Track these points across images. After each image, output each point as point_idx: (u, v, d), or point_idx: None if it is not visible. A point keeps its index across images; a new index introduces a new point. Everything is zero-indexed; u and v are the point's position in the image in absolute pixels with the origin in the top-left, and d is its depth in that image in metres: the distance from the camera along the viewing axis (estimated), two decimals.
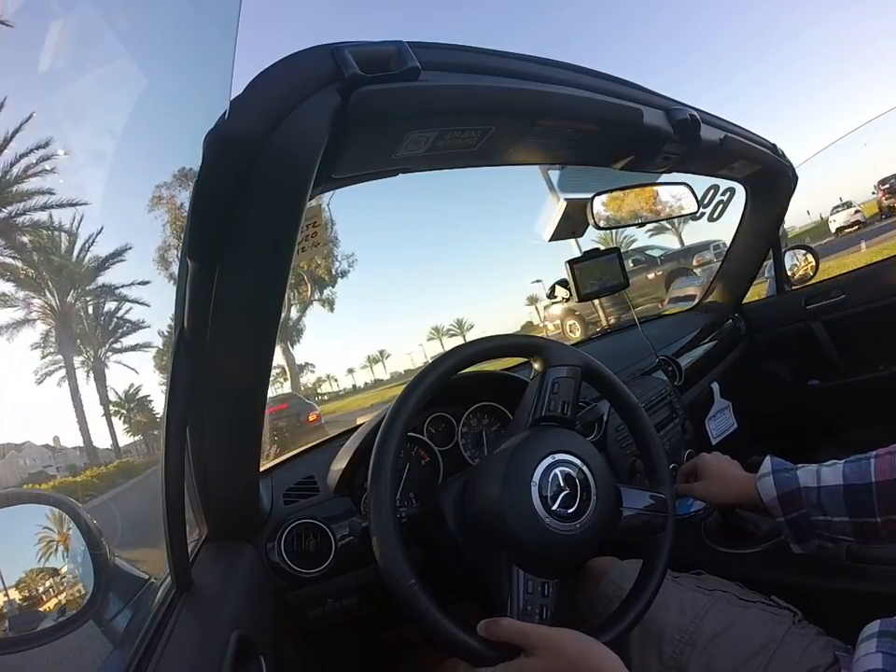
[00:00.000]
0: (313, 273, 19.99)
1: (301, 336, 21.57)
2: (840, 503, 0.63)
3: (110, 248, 11.98)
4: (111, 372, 12.61)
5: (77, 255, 11.90)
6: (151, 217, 14.03)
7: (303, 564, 0.67)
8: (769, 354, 1.55)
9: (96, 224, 11.78)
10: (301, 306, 21.18)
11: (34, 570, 0.55)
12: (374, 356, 36.11)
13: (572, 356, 0.66)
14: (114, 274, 12.70)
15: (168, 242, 13.18)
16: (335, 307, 21.42)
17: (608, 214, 0.97)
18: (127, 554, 0.61)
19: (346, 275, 20.66)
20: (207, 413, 0.52)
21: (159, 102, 1.06)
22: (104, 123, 5.20)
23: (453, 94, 0.48)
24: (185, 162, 13.36)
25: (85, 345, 12.29)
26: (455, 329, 34.98)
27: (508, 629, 0.50)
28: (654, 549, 0.62)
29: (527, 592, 0.53)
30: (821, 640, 0.59)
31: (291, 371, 21.45)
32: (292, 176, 0.41)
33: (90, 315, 12.79)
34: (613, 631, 0.57)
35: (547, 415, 0.63)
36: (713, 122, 0.85)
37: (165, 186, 13.75)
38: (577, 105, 0.60)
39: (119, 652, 0.51)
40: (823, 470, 0.66)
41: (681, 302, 1.79)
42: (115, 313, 12.82)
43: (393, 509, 0.53)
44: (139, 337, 13.03)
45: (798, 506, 0.66)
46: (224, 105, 0.37)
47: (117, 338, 12.88)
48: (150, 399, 13.10)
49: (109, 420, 12.04)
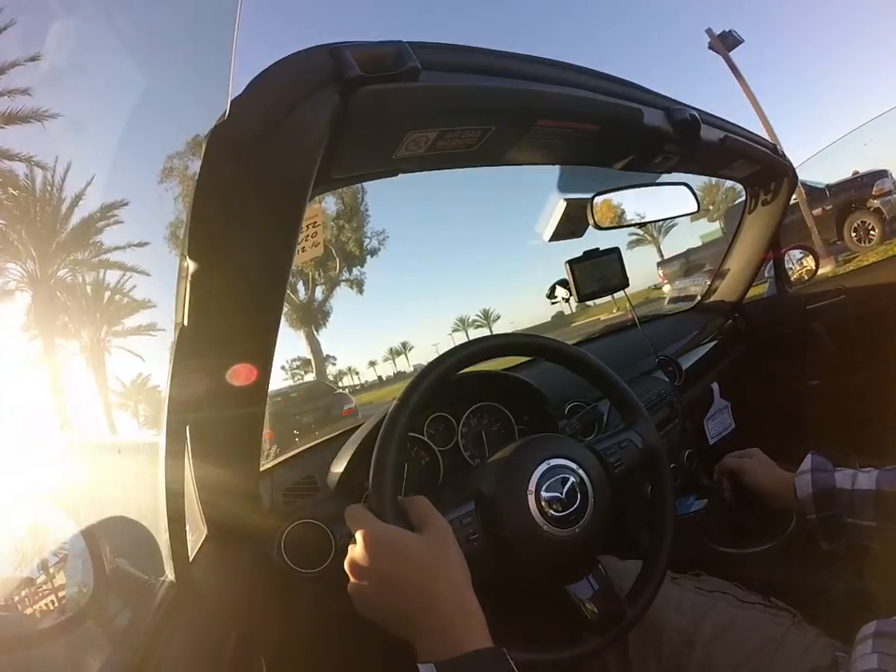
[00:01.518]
0: (342, 247, 17.61)
1: (328, 319, 18.76)
2: (870, 508, 0.64)
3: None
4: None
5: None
6: (151, 216, 13.90)
7: (303, 564, 0.67)
8: (769, 354, 1.54)
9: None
10: (328, 285, 18.45)
11: (34, 571, 0.55)
12: (397, 348, 35.35)
13: (654, 436, 0.67)
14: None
15: (168, 243, 12.96)
16: (364, 289, 18.69)
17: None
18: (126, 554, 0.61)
19: (377, 254, 18.39)
20: (207, 412, 0.52)
21: (159, 102, 1.07)
22: (103, 123, 5.20)
23: (453, 94, 0.48)
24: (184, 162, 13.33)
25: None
26: (480, 319, 34.13)
27: (418, 502, 0.51)
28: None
29: (461, 523, 0.55)
30: (820, 641, 0.59)
31: (317, 359, 18.77)
32: (292, 176, 0.41)
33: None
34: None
35: (600, 452, 0.64)
36: (713, 122, 0.85)
37: (166, 185, 13.62)
38: (577, 105, 0.60)
39: (119, 652, 0.51)
40: (860, 475, 0.68)
41: (681, 302, 1.79)
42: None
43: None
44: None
45: (831, 506, 0.67)
46: (224, 104, 0.37)
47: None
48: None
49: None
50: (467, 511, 0.56)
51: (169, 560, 0.54)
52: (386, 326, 50.47)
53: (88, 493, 0.87)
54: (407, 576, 0.45)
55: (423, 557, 0.45)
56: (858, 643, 0.49)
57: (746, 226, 1.37)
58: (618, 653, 0.63)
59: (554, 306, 1.01)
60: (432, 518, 0.49)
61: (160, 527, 0.54)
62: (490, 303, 50.70)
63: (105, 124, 6.58)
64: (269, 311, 0.48)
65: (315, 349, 18.52)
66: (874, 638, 0.48)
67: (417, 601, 0.44)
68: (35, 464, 1.40)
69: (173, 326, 0.47)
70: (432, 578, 0.44)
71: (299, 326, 18.33)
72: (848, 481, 0.67)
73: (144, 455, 0.79)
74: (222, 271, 0.43)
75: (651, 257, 26.82)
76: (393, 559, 0.45)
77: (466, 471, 0.73)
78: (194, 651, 0.49)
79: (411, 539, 0.47)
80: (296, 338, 18.66)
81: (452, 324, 35.55)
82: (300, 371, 19.52)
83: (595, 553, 0.60)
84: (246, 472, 0.62)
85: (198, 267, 0.42)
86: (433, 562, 0.45)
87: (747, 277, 1.46)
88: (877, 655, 0.46)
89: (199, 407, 0.51)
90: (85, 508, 0.66)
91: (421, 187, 44.99)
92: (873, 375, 1.36)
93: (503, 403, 0.87)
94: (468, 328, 34.76)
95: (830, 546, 0.69)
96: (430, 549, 0.46)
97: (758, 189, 1.26)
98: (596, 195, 0.95)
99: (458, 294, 54.27)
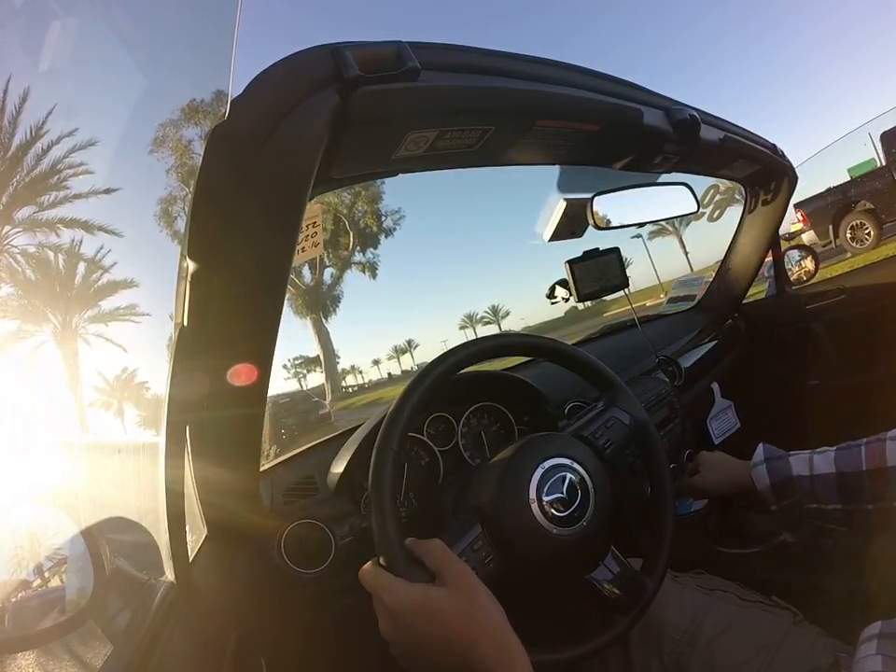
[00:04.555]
0: (357, 222, 15.10)
1: (338, 305, 16.33)
2: (833, 491, 0.64)
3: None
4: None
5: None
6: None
7: (303, 564, 0.67)
8: (769, 354, 1.54)
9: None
10: (339, 266, 15.93)
11: (34, 571, 0.55)
12: (402, 346, 34.57)
13: (637, 408, 0.67)
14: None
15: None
16: (377, 273, 16.48)
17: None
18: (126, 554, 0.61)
19: (392, 234, 16.40)
20: (207, 413, 0.52)
21: (159, 102, 1.06)
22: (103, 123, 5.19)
23: (453, 94, 0.48)
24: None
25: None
26: (489, 316, 33.42)
27: (435, 549, 0.49)
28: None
29: (472, 549, 0.54)
30: (822, 641, 0.59)
31: (325, 351, 16.25)
32: (292, 176, 0.41)
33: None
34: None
35: (587, 437, 0.64)
36: (713, 122, 0.85)
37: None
38: (577, 105, 0.60)
39: (118, 652, 0.51)
40: (815, 458, 0.67)
41: (681, 302, 1.79)
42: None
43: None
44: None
45: (791, 494, 0.67)
46: (224, 104, 0.37)
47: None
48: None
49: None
50: (475, 535, 0.55)
51: (169, 560, 0.54)
52: (394, 318, 49.95)
53: (88, 493, 0.87)
54: (442, 634, 0.44)
55: (454, 612, 0.45)
56: (861, 643, 0.49)
57: (746, 226, 1.37)
58: (620, 652, 0.63)
59: (568, 303, 1.01)
60: (452, 565, 0.47)
61: (160, 528, 0.54)
62: (501, 299, 49.95)
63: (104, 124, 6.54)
64: (269, 311, 0.48)
65: (324, 341, 16.42)
66: (878, 639, 0.47)
67: (457, 655, 0.44)
68: (35, 464, 1.40)
69: (155, 310, 0.46)
70: (467, 629, 0.44)
71: (305, 312, 16.29)
72: (805, 466, 0.67)
73: (144, 455, 0.79)
74: (222, 271, 0.43)
75: (674, 247, 26.80)
76: (423, 621, 0.45)
77: (465, 472, 0.73)
78: (194, 651, 0.49)
79: (436, 596, 0.45)
80: (301, 327, 16.48)
81: (459, 321, 35.00)
82: (303, 371, 17.84)
83: (606, 539, 0.60)
84: (246, 472, 0.62)
85: (198, 267, 0.42)
86: (466, 613, 0.45)
87: (747, 277, 1.46)
88: (881, 657, 0.45)
89: (199, 407, 0.51)
90: (85, 508, 0.66)
91: (432, 180, 44.60)
92: (873, 375, 1.36)
93: (503, 403, 0.87)
94: (475, 324, 34.20)
95: (794, 537, 0.69)
96: (459, 600, 0.45)
97: (758, 189, 1.26)
98: (596, 195, 0.95)
99: (468, 290, 53.82)
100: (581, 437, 0.64)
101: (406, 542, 0.51)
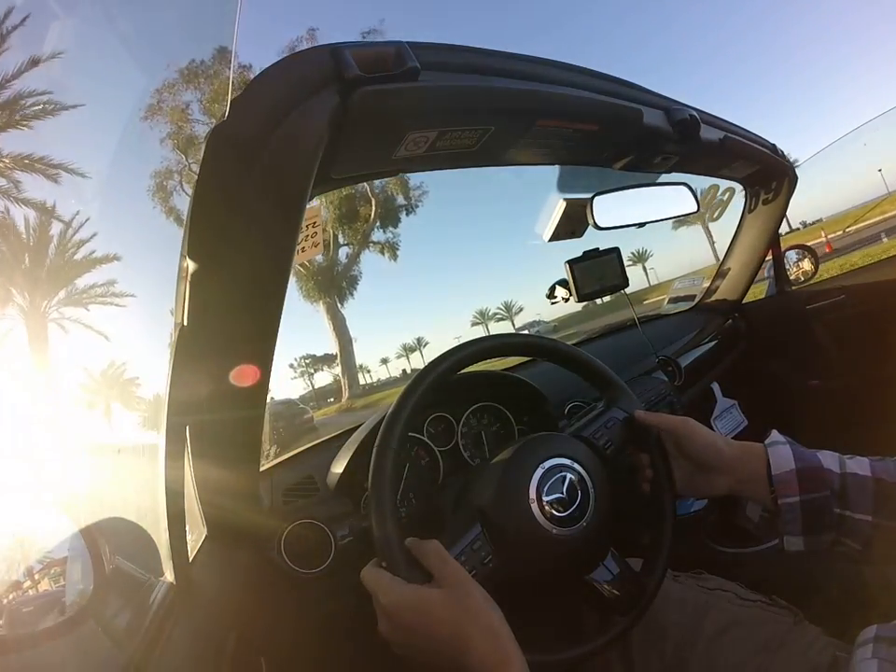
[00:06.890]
0: (380, 191, 12.88)
1: (355, 288, 14.34)
2: (868, 498, 0.52)
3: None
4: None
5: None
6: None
7: (303, 564, 0.67)
8: (769, 354, 1.54)
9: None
10: (359, 239, 13.72)
11: (34, 571, 0.55)
12: (411, 344, 33.92)
13: (638, 408, 0.67)
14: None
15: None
16: (398, 254, 14.35)
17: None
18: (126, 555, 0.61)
19: (414, 212, 14.83)
20: (207, 413, 0.52)
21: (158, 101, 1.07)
22: (103, 123, 5.19)
23: (453, 94, 0.48)
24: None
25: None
26: (502, 312, 32.93)
27: (431, 551, 0.50)
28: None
29: (472, 549, 0.54)
30: (822, 641, 0.59)
31: (341, 340, 14.14)
32: (292, 176, 0.41)
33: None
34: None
35: (587, 437, 0.64)
36: (713, 122, 0.85)
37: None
38: (577, 105, 0.60)
39: (119, 652, 0.51)
40: (847, 459, 0.55)
41: (681, 302, 1.79)
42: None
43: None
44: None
45: (818, 488, 0.53)
46: (224, 104, 0.37)
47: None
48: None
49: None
50: (475, 535, 0.55)
51: (169, 560, 0.54)
52: (405, 311, 49.30)
53: (87, 493, 0.87)
54: (434, 634, 0.45)
55: (444, 612, 0.46)
56: (858, 646, 0.49)
57: (746, 226, 1.37)
58: (621, 651, 0.63)
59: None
60: (447, 568, 0.48)
61: (159, 528, 0.54)
62: (515, 295, 49.00)
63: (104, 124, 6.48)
64: (269, 311, 0.48)
65: (340, 328, 14.09)
66: (873, 643, 0.47)
67: (452, 656, 0.44)
68: (35, 464, 1.40)
69: (142, 293, 0.46)
70: (459, 629, 0.45)
71: (317, 296, 14.10)
72: (835, 462, 0.54)
73: (144, 455, 0.78)
74: (222, 271, 0.43)
75: (699, 236, 26.61)
76: (417, 619, 0.46)
77: (465, 472, 0.73)
78: (194, 650, 0.49)
79: (428, 596, 0.47)
80: (312, 314, 14.21)
81: (471, 317, 34.43)
82: (310, 370, 16.12)
83: (606, 539, 0.60)
84: (246, 473, 0.62)
85: (198, 267, 0.42)
86: (457, 614, 0.46)
87: (747, 277, 1.46)
88: (877, 661, 0.45)
89: (199, 408, 0.51)
90: (85, 508, 0.66)
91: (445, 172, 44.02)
92: (873, 375, 1.36)
93: (503, 403, 0.87)
94: (488, 321, 33.65)
95: (804, 545, 0.55)
96: (450, 601, 0.46)
97: (758, 189, 1.26)
98: (596, 195, 0.95)
99: (482, 286, 53.01)
100: (581, 437, 0.64)
101: (406, 542, 0.51)
